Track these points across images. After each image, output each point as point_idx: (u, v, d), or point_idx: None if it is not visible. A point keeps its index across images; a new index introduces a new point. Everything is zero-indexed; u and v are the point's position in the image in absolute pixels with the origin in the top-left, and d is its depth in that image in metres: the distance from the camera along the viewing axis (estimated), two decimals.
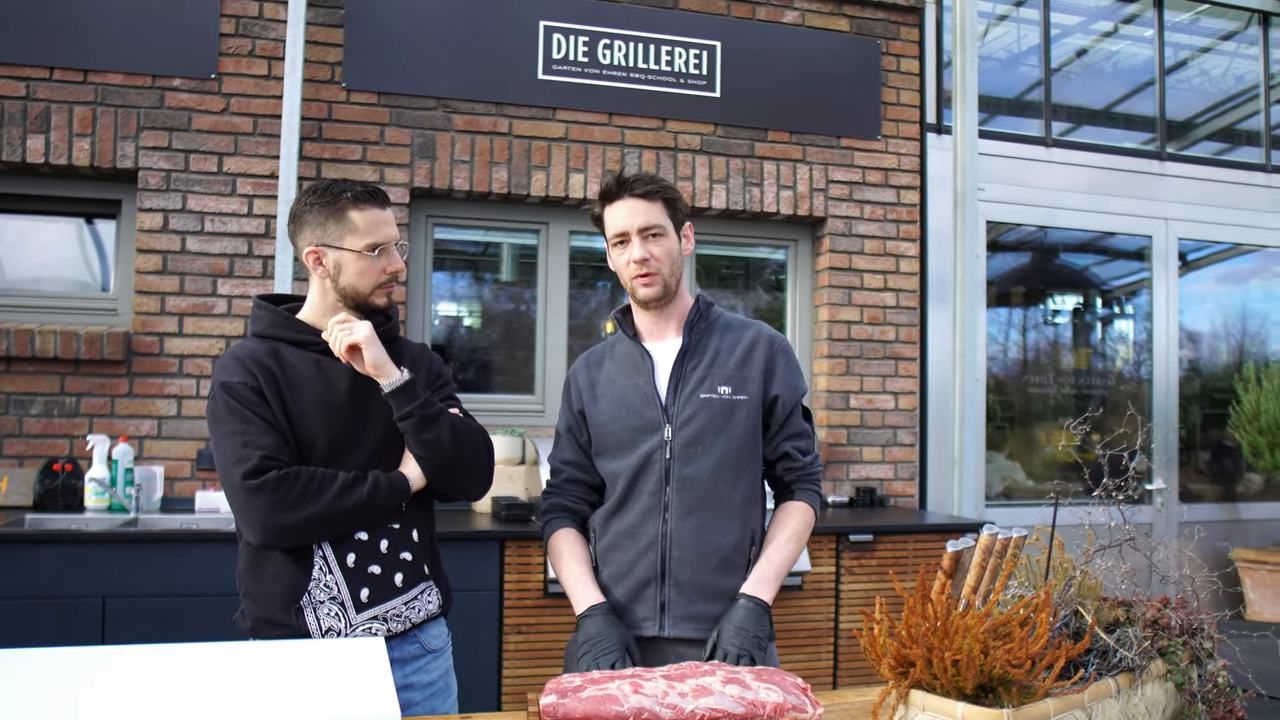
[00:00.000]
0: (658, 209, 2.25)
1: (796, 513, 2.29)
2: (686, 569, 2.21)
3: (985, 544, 1.56)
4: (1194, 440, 6.12)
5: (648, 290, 2.26)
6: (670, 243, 2.27)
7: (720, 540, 2.22)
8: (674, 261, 2.27)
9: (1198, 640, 1.51)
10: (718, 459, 2.22)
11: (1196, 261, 6.14)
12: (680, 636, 2.21)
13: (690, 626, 2.20)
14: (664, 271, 2.25)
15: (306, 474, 1.96)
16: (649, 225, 2.24)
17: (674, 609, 2.21)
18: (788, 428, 2.31)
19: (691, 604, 2.20)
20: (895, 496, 5.00)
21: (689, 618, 2.20)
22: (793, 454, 2.30)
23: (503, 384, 4.82)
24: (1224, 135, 6.30)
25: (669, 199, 2.27)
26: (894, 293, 5.05)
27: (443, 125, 4.44)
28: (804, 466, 2.31)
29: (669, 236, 2.26)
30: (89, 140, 4.05)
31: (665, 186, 2.27)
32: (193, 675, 1.46)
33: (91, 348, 3.95)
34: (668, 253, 2.26)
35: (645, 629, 2.22)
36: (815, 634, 3.96)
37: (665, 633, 2.21)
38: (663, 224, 2.25)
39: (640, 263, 2.24)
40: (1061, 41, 5.85)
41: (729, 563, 2.22)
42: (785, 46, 4.91)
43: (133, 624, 3.25)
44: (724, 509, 2.23)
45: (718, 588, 2.21)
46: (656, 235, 2.24)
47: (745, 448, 2.26)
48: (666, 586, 2.21)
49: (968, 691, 1.28)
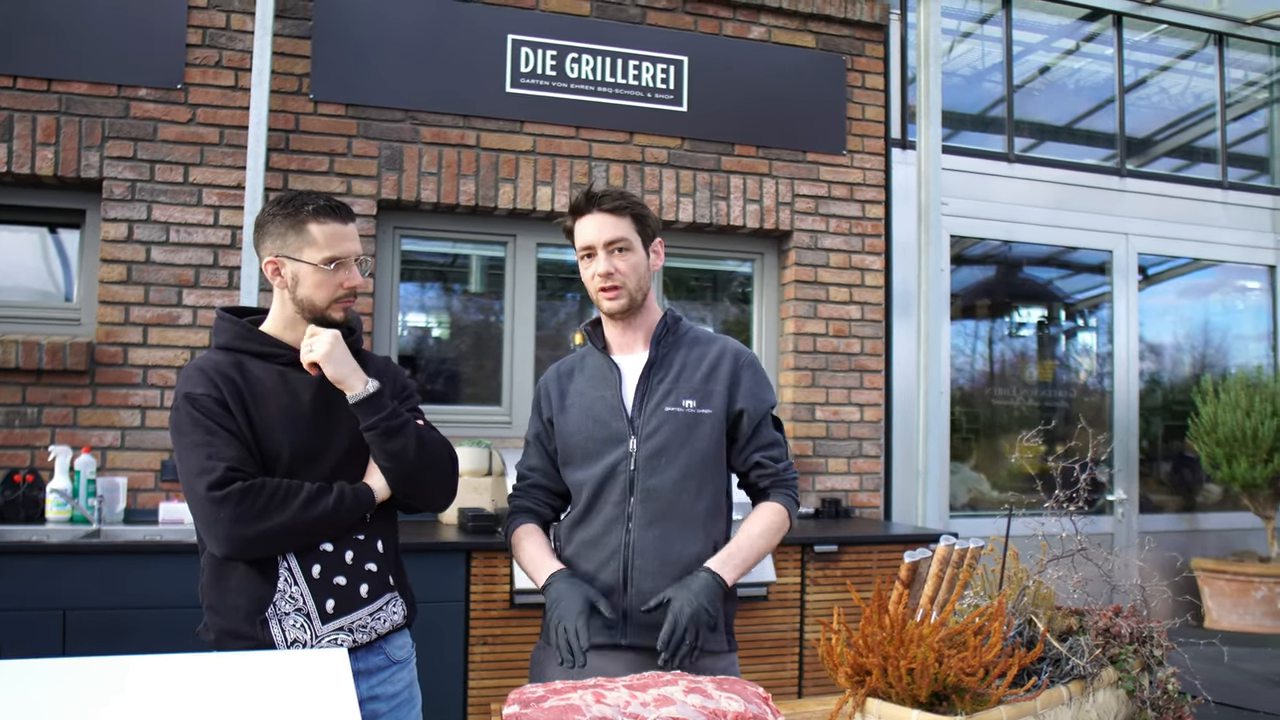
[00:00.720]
0: (625, 224, 2.28)
1: (769, 511, 2.31)
2: (649, 578, 2.23)
3: (942, 555, 1.59)
4: (1155, 451, 6.21)
5: (612, 303, 2.30)
6: (636, 257, 2.29)
7: (682, 550, 2.25)
8: (640, 276, 2.30)
9: (1148, 648, 1.55)
10: (681, 471, 2.25)
11: (1158, 275, 6.25)
12: (640, 645, 2.23)
13: (651, 635, 2.22)
14: (629, 285, 2.28)
15: (271, 485, 1.96)
16: (615, 240, 2.27)
17: (635, 618, 2.23)
18: (757, 439, 2.33)
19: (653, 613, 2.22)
20: (860, 508, 5.04)
21: (649, 626, 2.22)
22: (764, 462, 2.33)
23: (470, 395, 4.81)
24: (1182, 152, 6.43)
25: (637, 214, 2.30)
26: (859, 305, 5.10)
27: (410, 137, 4.44)
28: (777, 473, 2.34)
29: (635, 251, 2.29)
30: (53, 149, 4.02)
31: (634, 202, 2.30)
32: (152, 687, 1.46)
33: (54, 358, 3.92)
34: (633, 267, 2.28)
35: (604, 637, 2.24)
36: (780, 644, 3.99)
37: (625, 640, 2.24)
38: (629, 239, 2.28)
39: (605, 276, 2.27)
40: (1024, 59, 5.95)
41: (689, 573, 2.23)
42: (752, 62, 4.96)
43: (94, 636, 3.22)
44: (687, 520, 2.26)
45: None
46: (623, 250, 2.27)
47: (709, 460, 2.29)
48: (629, 595, 2.24)
49: (922, 699, 1.30)
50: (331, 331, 2.06)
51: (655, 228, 2.36)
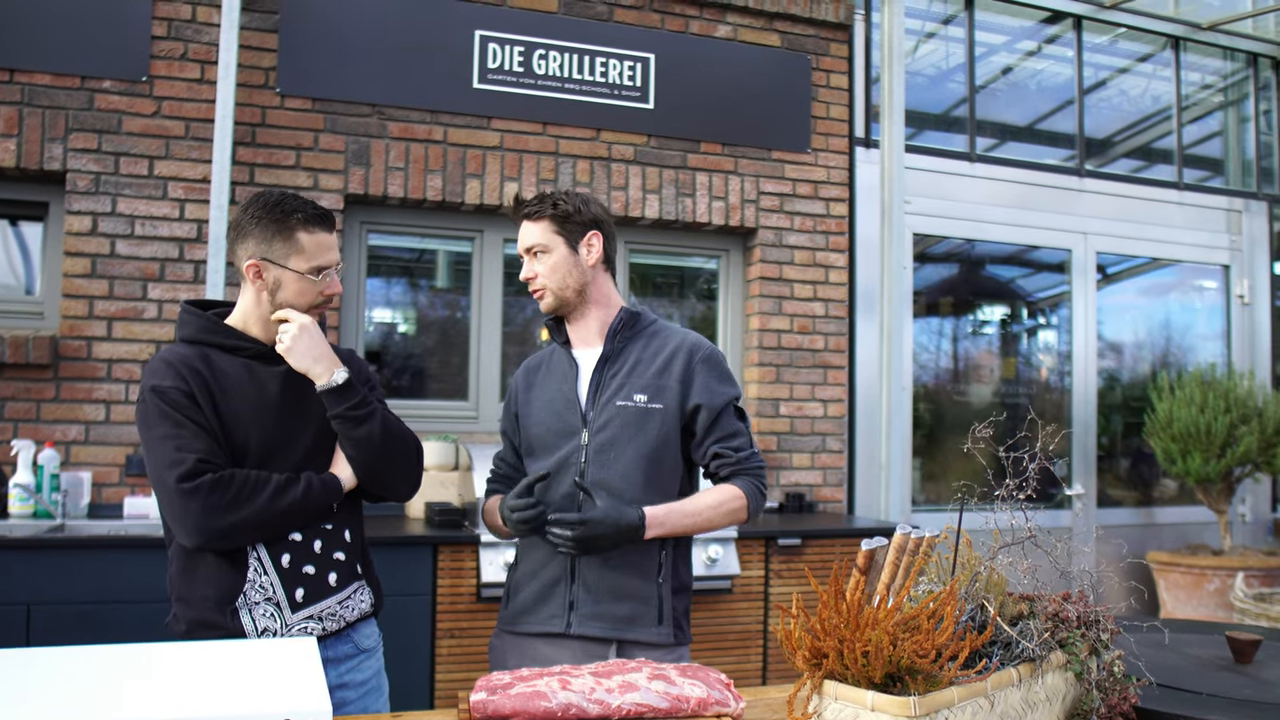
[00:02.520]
0: (541, 227, 2.36)
1: (721, 490, 2.33)
2: (594, 569, 2.30)
3: (899, 543, 1.64)
4: (1114, 447, 6.33)
5: (542, 304, 2.41)
6: (555, 258, 2.36)
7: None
8: (564, 275, 2.37)
9: (1095, 632, 1.60)
10: (629, 464, 2.31)
11: (1116, 275, 6.35)
12: (586, 634, 2.29)
13: (596, 625, 2.29)
14: (551, 286, 2.37)
15: (241, 476, 1.98)
16: (532, 245, 2.37)
17: (581, 607, 2.30)
18: (716, 431, 2.36)
19: (599, 603, 2.29)
20: (824, 502, 5.10)
21: (595, 616, 2.29)
22: (722, 452, 2.35)
23: (437, 390, 4.83)
24: (1140, 153, 6.54)
25: (554, 215, 2.36)
26: (823, 302, 5.16)
27: (377, 132, 4.45)
28: (738, 460, 2.35)
29: (553, 252, 2.36)
30: (15, 141, 3.99)
31: (551, 204, 2.36)
32: (122, 675, 1.47)
33: (16, 351, 3.89)
34: (552, 269, 2.36)
35: (553, 626, 2.31)
36: (745, 636, 4.04)
37: (572, 630, 2.30)
38: (546, 242, 2.36)
39: (527, 280, 2.39)
40: (987, 60, 6.03)
41: (637, 566, 2.30)
42: (718, 60, 5.00)
43: (59, 631, 3.20)
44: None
45: (624, 589, 2.29)
46: (540, 253, 2.36)
47: (658, 454, 2.33)
48: (575, 585, 2.31)
49: (877, 681, 1.34)
50: (300, 319, 2.08)
51: (585, 222, 2.39)
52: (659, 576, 2.31)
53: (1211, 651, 2.15)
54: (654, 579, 2.31)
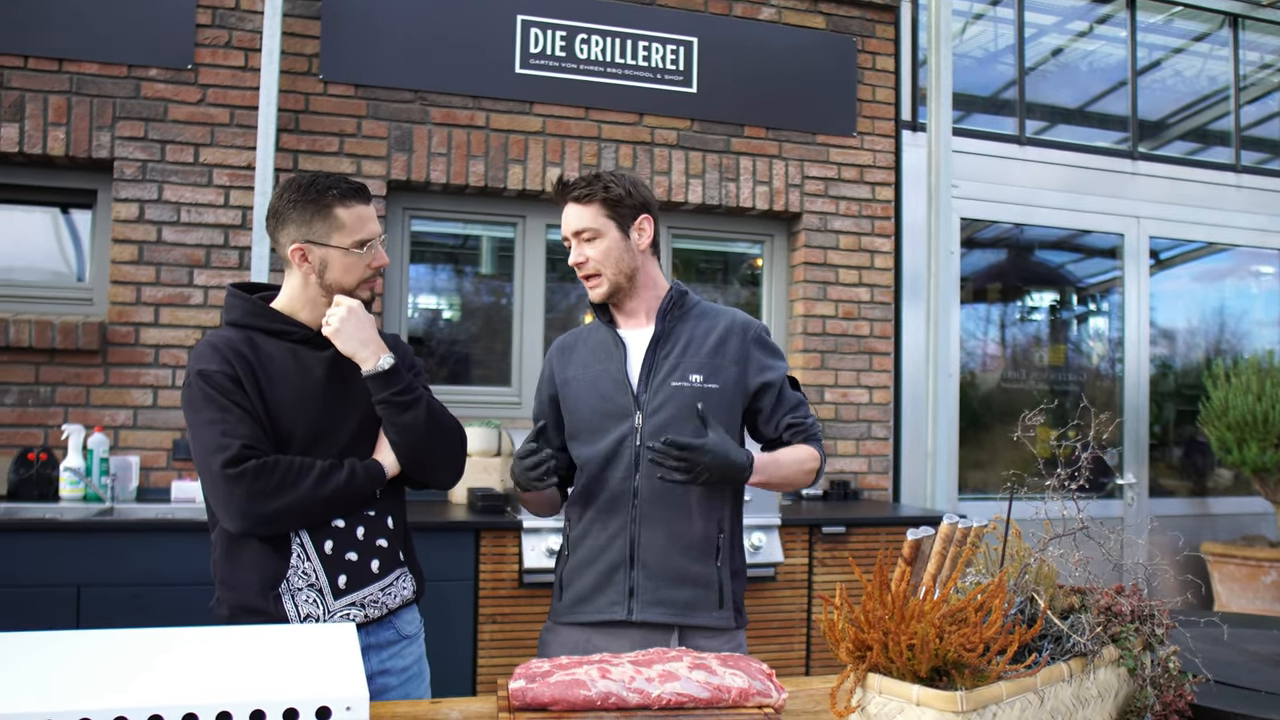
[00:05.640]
0: (592, 211, 2.30)
1: (802, 449, 2.34)
2: (655, 554, 2.25)
3: (945, 533, 1.60)
4: (1166, 436, 6.20)
5: (594, 292, 2.34)
6: (608, 242, 2.30)
7: (688, 527, 2.26)
8: (618, 259, 2.31)
9: (1149, 627, 1.55)
10: None
11: (1171, 260, 6.22)
12: (646, 621, 2.24)
13: (657, 611, 2.24)
14: (606, 271, 2.31)
15: (285, 462, 1.98)
16: (582, 229, 2.30)
17: (642, 594, 2.25)
18: (783, 405, 2.36)
19: (659, 589, 2.24)
20: (869, 490, 5.05)
21: (656, 602, 2.24)
22: (795, 422, 2.35)
23: (480, 376, 4.83)
24: (1196, 135, 6.39)
25: (605, 199, 2.29)
26: (869, 288, 5.10)
27: (420, 118, 4.45)
28: (807, 428, 2.36)
29: (606, 236, 2.30)
30: (64, 130, 4.04)
31: (601, 187, 2.30)
32: (161, 659, 1.48)
33: (66, 337, 3.94)
34: (605, 253, 2.30)
35: (614, 614, 2.26)
36: (788, 624, 4.01)
37: (633, 617, 2.25)
38: (598, 226, 2.29)
39: (577, 265, 2.33)
40: (1037, 41, 5.91)
41: (696, 549, 2.25)
42: (761, 43, 4.94)
43: (108, 613, 3.25)
44: (695, 497, 2.26)
45: (685, 573, 2.25)
46: (592, 238, 2.30)
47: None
48: (635, 571, 2.26)
49: (922, 674, 1.31)
50: (349, 303, 2.07)
51: (635, 205, 2.33)
52: (718, 560, 2.27)
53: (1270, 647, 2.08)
54: (713, 562, 2.27)
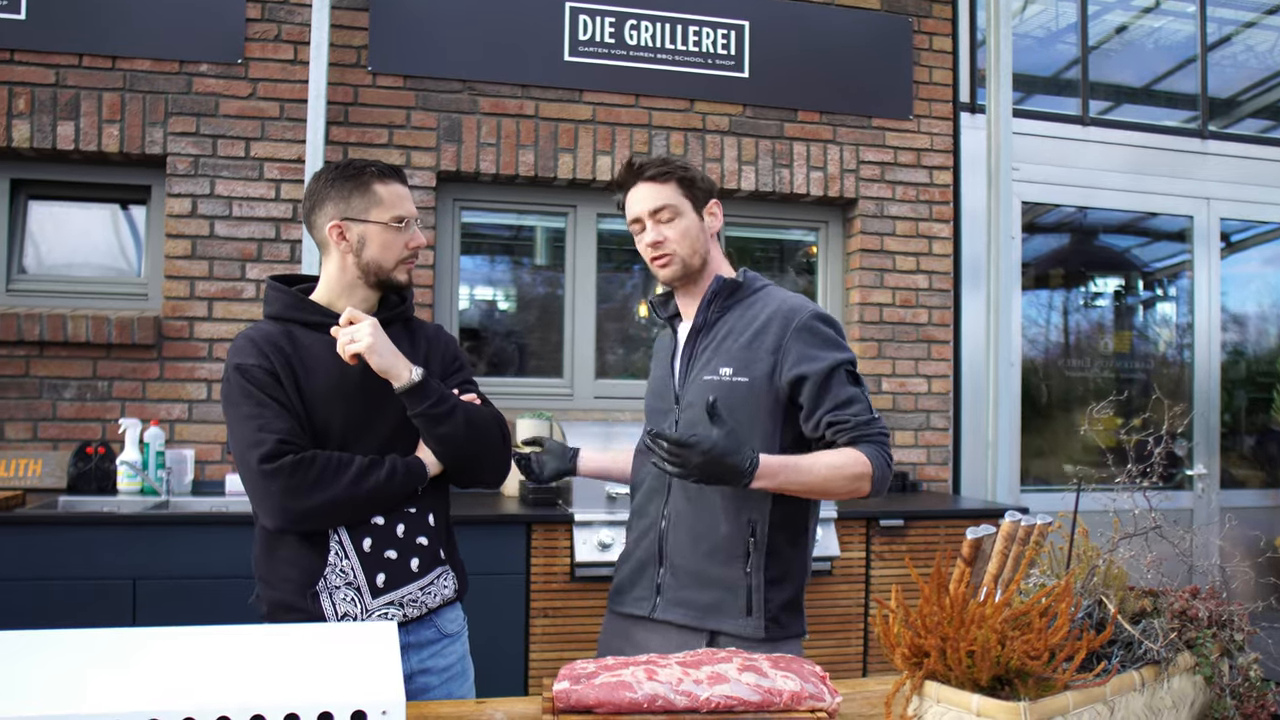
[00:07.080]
0: (669, 189, 2.22)
1: (844, 452, 2.09)
2: (681, 554, 2.20)
3: (1007, 531, 1.52)
4: (1238, 425, 6.00)
5: (664, 271, 2.26)
6: (686, 222, 2.23)
7: (713, 527, 2.17)
8: (693, 240, 2.24)
9: (1228, 632, 1.46)
10: None
11: (1242, 243, 6.01)
12: (668, 620, 2.20)
13: (678, 612, 2.19)
14: (681, 252, 2.23)
15: (323, 458, 1.95)
16: (660, 207, 2.22)
17: (666, 592, 2.21)
18: (826, 399, 2.11)
19: (682, 589, 2.19)
20: (928, 481, 4.94)
21: (678, 603, 2.19)
22: (838, 419, 2.10)
23: (532, 367, 4.80)
24: (1269, 112, 6.15)
25: (682, 178, 2.23)
26: (926, 275, 4.98)
27: (469, 108, 4.42)
28: (855, 425, 2.09)
29: (684, 216, 2.23)
30: (118, 126, 4.07)
31: (677, 166, 2.24)
32: (198, 658, 1.46)
33: (123, 332, 3.98)
34: (683, 233, 2.22)
35: (641, 609, 2.24)
36: (845, 620, 3.92)
37: (656, 615, 2.21)
38: (675, 204, 2.22)
39: (654, 245, 2.23)
40: (1100, 18, 5.73)
41: (722, 551, 2.16)
42: (814, 25, 4.84)
43: (162, 605, 3.28)
44: (721, 495, 2.17)
45: (709, 576, 2.17)
46: (671, 217, 2.22)
47: (746, 433, 2.09)
48: (663, 569, 2.22)
49: (983, 683, 1.24)
50: (370, 321, 2.01)
51: (707, 189, 2.28)
52: (746, 564, 2.15)
53: None
54: (741, 566, 2.15)
